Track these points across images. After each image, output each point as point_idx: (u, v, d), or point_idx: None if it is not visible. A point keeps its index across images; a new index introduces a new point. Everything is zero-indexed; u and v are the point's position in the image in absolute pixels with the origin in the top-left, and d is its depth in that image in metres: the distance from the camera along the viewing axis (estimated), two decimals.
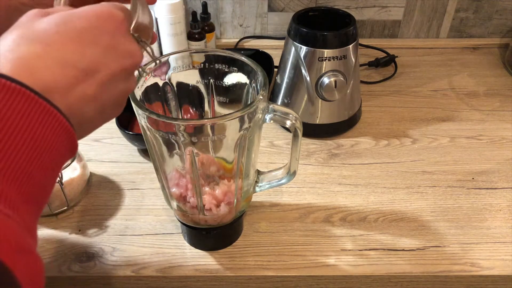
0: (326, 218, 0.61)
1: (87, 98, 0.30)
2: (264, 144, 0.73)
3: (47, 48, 0.28)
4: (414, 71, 0.93)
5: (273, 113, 0.47)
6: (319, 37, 0.68)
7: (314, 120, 0.74)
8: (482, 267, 0.54)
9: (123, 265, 0.54)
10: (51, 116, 0.27)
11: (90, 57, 0.30)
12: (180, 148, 0.45)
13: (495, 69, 0.94)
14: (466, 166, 0.69)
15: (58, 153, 0.28)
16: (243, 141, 0.45)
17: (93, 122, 0.32)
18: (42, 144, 0.26)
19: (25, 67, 0.27)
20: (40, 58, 0.28)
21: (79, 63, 0.29)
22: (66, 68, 0.29)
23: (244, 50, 0.94)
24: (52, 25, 0.29)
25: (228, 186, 0.49)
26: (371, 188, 0.65)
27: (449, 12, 0.99)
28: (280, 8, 0.99)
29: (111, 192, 0.64)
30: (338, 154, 0.72)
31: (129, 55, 0.33)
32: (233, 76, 0.50)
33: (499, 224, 0.60)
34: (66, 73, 0.29)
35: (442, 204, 0.63)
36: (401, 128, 0.77)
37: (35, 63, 0.28)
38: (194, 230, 0.55)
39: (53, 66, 0.28)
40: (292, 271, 0.54)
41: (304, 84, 0.71)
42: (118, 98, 0.33)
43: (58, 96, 0.28)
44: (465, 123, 0.79)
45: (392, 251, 0.56)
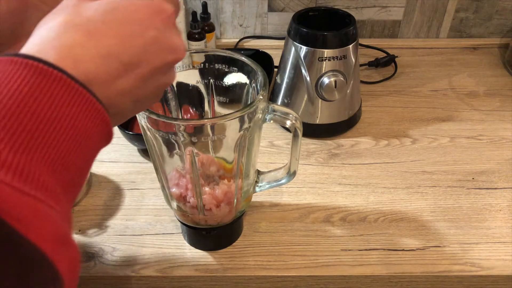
0: (326, 218, 0.61)
1: (126, 91, 0.30)
2: (264, 144, 0.73)
3: (92, 37, 0.28)
4: (414, 71, 0.93)
5: (273, 113, 0.47)
6: (319, 37, 0.68)
7: (314, 120, 0.74)
8: (482, 267, 0.54)
9: (123, 265, 0.54)
10: (91, 105, 0.27)
11: (134, 51, 0.29)
12: (180, 148, 0.45)
13: (495, 69, 0.94)
14: (466, 166, 0.69)
15: (95, 143, 0.28)
16: (243, 141, 0.45)
17: (127, 113, 0.32)
18: (81, 133, 0.26)
19: (69, 55, 0.27)
20: (84, 47, 0.27)
21: (122, 56, 0.29)
22: (109, 60, 0.28)
23: (244, 50, 0.94)
24: (99, 13, 0.29)
25: (228, 186, 0.49)
26: (371, 188, 0.65)
27: (449, 12, 0.99)
28: (280, 8, 0.99)
29: (111, 192, 0.64)
30: (338, 154, 0.72)
31: (173, 50, 0.32)
32: (233, 76, 0.50)
33: (499, 224, 0.60)
34: (108, 65, 0.28)
35: (442, 204, 0.63)
36: (401, 128, 0.77)
37: (79, 52, 0.27)
38: (194, 230, 0.55)
39: (96, 57, 0.28)
40: (292, 271, 0.54)
41: (304, 84, 0.71)
42: (155, 91, 0.33)
43: (98, 87, 0.28)
44: (465, 123, 0.79)
45: (392, 251, 0.56)
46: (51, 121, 0.24)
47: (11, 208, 0.21)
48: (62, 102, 0.25)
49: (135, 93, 0.30)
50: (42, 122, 0.24)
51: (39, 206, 0.23)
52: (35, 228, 0.22)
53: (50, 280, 0.23)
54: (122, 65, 0.29)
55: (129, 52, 0.29)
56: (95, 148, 0.28)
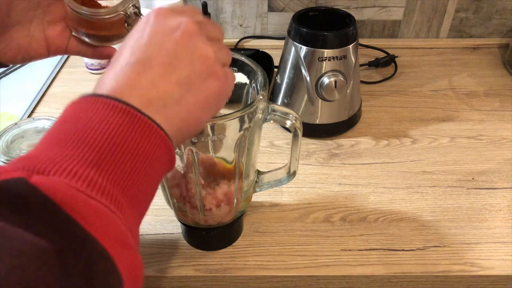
0: (326, 218, 0.61)
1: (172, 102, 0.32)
2: (264, 144, 0.73)
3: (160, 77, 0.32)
4: (414, 71, 0.93)
5: (273, 113, 0.47)
6: (319, 37, 0.68)
7: (314, 120, 0.74)
8: (482, 267, 0.54)
9: None
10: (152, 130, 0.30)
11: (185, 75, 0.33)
12: (180, 148, 0.45)
13: (495, 69, 0.94)
14: (466, 166, 0.69)
15: (159, 163, 0.31)
16: (243, 141, 0.45)
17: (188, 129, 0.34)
18: (145, 154, 0.29)
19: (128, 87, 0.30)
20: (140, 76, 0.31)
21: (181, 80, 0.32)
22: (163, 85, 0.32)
23: (244, 50, 0.94)
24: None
25: (228, 186, 0.49)
26: (371, 188, 0.65)
27: (449, 12, 0.99)
28: (280, 8, 0.99)
29: None
30: (338, 154, 0.72)
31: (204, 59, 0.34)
32: None
33: (499, 224, 0.60)
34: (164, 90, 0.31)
35: (442, 204, 0.63)
36: (401, 128, 0.77)
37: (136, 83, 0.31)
38: (194, 230, 0.55)
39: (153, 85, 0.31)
40: (292, 271, 0.54)
41: (304, 84, 0.71)
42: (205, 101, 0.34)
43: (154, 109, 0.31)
44: (465, 123, 0.79)
45: (392, 251, 0.56)
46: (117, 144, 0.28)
47: (77, 207, 0.25)
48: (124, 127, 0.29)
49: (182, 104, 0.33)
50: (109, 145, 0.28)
51: (101, 208, 0.26)
52: (96, 225, 0.25)
53: (110, 276, 0.25)
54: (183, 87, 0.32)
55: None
56: (160, 168, 0.31)
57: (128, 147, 0.28)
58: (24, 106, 0.81)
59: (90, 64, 0.90)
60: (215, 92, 0.34)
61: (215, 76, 0.34)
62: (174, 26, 0.33)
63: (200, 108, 0.34)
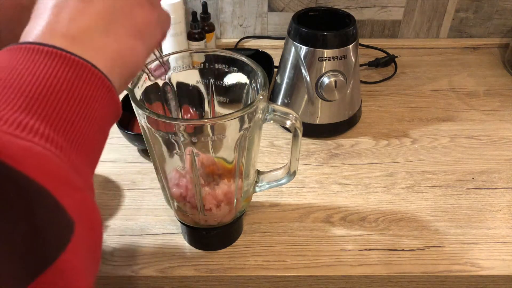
0: (326, 218, 0.61)
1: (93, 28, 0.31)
2: (264, 144, 0.73)
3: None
4: (414, 71, 0.93)
5: (273, 113, 0.47)
6: (319, 37, 0.68)
7: (314, 120, 0.74)
8: (482, 267, 0.54)
9: (123, 265, 0.54)
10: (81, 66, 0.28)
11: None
12: (180, 148, 0.45)
13: (495, 69, 0.94)
14: (466, 166, 0.69)
15: (99, 104, 0.29)
16: (243, 141, 0.45)
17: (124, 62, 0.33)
18: (79, 94, 0.28)
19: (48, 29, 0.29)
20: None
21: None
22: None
23: (244, 50, 0.94)
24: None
25: (228, 186, 0.49)
26: (371, 188, 0.65)
27: (449, 12, 0.99)
28: (280, 8, 0.99)
29: (111, 192, 0.64)
30: (338, 154, 0.72)
31: None
32: (233, 76, 0.50)
33: (499, 224, 0.60)
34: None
35: (442, 204, 0.63)
36: (401, 128, 0.77)
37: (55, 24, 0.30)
38: (194, 230, 0.55)
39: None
40: (292, 271, 0.54)
41: (304, 84, 0.71)
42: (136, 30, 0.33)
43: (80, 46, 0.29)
44: (465, 123, 0.79)
45: (392, 251, 0.56)
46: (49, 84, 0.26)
47: (3, 148, 0.23)
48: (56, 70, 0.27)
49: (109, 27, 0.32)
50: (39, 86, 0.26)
51: (32, 147, 0.24)
52: (30, 164, 0.23)
53: (54, 214, 0.24)
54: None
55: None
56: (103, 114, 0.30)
57: (61, 89, 0.27)
58: None
59: None
60: (144, 19, 0.33)
61: (141, 5, 0.34)
62: None
63: (131, 36, 0.32)
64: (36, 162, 0.24)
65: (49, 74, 0.27)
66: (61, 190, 0.24)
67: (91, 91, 0.28)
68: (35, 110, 0.25)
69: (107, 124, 0.31)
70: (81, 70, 0.28)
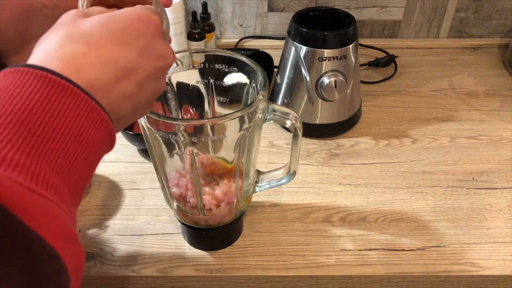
0: (326, 218, 0.61)
1: (125, 96, 0.31)
2: (264, 144, 0.73)
3: (91, 47, 0.30)
4: (414, 71, 0.93)
5: (273, 113, 0.47)
6: (319, 37, 0.68)
7: (314, 120, 0.74)
8: (482, 267, 0.54)
9: (123, 265, 0.54)
10: (95, 112, 0.28)
11: (130, 58, 0.32)
12: (180, 148, 0.45)
13: (495, 69, 0.94)
14: (466, 166, 0.69)
15: (99, 148, 0.30)
16: (243, 141, 0.45)
17: (127, 119, 0.34)
18: (87, 139, 0.28)
19: (72, 64, 0.29)
20: (85, 56, 0.29)
21: (120, 63, 0.31)
22: (108, 67, 0.30)
23: (244, 50, 0.94)
24: (95, 26, 0.31)
25: (228, 186, 0.49)
26: (371, 188, 0.65)
27: (449, 12, 0.99)
28: (280, 8, 0.99)
29: (111, 192, 0.64)
30: (338, 154, 0.72)
31: (163, 57, 0.34)
32: (233, 76, 0.50)
33: (499, 224, 0.60)
34: (108, 72, 0.30)
35: (442, 204, 0.63)
36: (401, 128, 0.77)
37: (81, 61, 0.29)
38: (194, 230, 0.55)
39: (97, 65, 0.30)
40: (292, 271, 0.54)
41: (304, 84, 0.71)
42: (150, 97, 0.35)
43: (100, 93, 0.29)
44: (465, 123, 0.79)
45: (392, 251, 0.56)
46: (59, 127, 0.26)
47: (23, 206, 0.23)
48: (69, 109, 0.27)
49: (133, 98, 0.33)
50: (51, 128, 0.26)
51: (49, 205, 0.25)
52: (45, 224, 0.24)
53: (58, 275, 0.24)
54: (121, 71, 0.31)
55: (125, 59, 0.31)
56: (99, 154, 0.30)
57: (71, 129, 0.27)
58: None
59: None
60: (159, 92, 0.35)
61: (164, 79, 0.35)
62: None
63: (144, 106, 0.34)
64: (50, 222, 0.24)
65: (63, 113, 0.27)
66: (66, 250, 0.25)
67: (98, 137, 0.29)
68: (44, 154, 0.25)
69: (99, 159, 0.31)
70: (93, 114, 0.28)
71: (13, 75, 0.27)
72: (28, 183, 0.24)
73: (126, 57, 0.31)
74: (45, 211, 0.24)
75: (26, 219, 0.23)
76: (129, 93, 0.32)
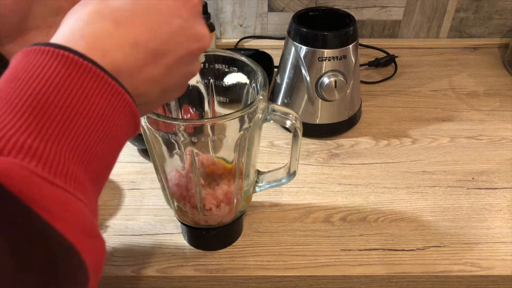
0: (326, 218, 0.61)
1: (153, 80, 0.30)
2: (264, 144, 0.73)
3: (120, 27, 0.28)
4: (414, 71, 0.93)
5: (273, 113, 0.47)
6: (319, 37, 0.68)
7: (314, 120, 0.74)
8: (482, 267, 0.54)
9: (123, 265, 0.54)
10: (120, 96, 0.27)
11: (161, 39, 0.29)
12: (180, 148, 0.45)
13: (495, 69, 0.94)
14: (466, 166, 0.69)
15: (123, 133, 0.28)
16: (243, 141, 0.45)
17: (154, 103, 0.32)
18: (109, 124, 0.26)
19: (98, 45, 0.27)
20: (112, 37, 0.27)
21: (149, 45, 0.29)
22: (136, 49, 0.28)
23: (244, 50, 0.94)
24: (126, 3, 0.29)
25: (228, 186, 0.49)
26: (371, 188, 0.65)
27: (449, 12, 0.99)
28: (280, 8, 0.99)
29: (111, 192, 0.64)
30: (338, 154, 0.72)
31: (198, 39, 0.32)
32: (233, 76, 0.50)
33: (499, 224, 0.60)
34: (136, 54, 0.28)
35: (442, 204, 0.63)
36: (401, 128, 0.77)
37: (108, 42, 0.27)
38: (194, 230, 0.55)
39: (125, 46, 0.28)
40: (292, 271, 0.54)
41: (304, 84, 0.71)
42: (181, 81, 0.33)
43: (126, 76, 0.28)
44: (465, 123, 0.79)
45: (392, 251, 0.56)
46: (80, 111, 0.25)
47: (40, 198, 0.22)
48: (91, 93, 0.25)
49: (162, 82, 0.31)
50: (72, 112, 0.24)
51: (67, 198, 0.23)
52: (63, 218, 0.23)
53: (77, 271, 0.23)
54: (149, 54, 0.29)
55: (156, 40, 0.29)
56: (123, 139, 0.29)
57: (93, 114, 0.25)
58: None
59: None
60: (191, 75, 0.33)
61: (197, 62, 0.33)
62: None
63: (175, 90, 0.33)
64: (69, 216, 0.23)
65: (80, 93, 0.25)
66: (86, 245, 0.24)
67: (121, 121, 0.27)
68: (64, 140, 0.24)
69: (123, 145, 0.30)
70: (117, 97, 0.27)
71: (33, 55, 0.25)
72: (46, 174, 0.23)
73: (157, 39, 0.29)
74: (63, 203, 0.23)
75: (43, 212, 0.22)
76: (158, 77, 0.30)
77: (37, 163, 0.22)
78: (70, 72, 0.25)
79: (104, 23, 0.28)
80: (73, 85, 0.25)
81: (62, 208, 0.23)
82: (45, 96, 0.24)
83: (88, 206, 0.25)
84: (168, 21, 0.30)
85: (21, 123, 0.23)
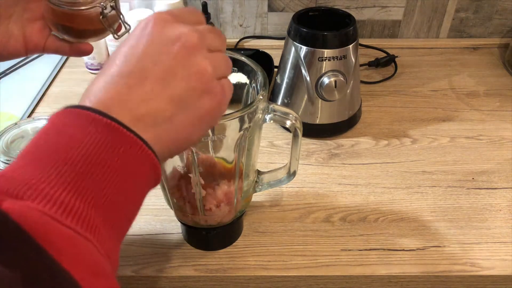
0: (326, 218, 0.61)
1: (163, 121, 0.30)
2: (264, 144, 0.73)
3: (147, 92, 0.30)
4: (414, 71, 0.93)
5: (273, 113, 0.47)
6: (319, 37, 0.68)
7: (314, 120, 0.74)
8: (482, 267, 0.54)
9: (123, 265, 0.54)
10: (138, 148, 0.28)
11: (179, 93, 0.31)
12: None
13: (495, 69, 0.94)
14: (466, 166, 0.69)
15: (144, 183, 0.29)
16: (243, 141, 0.45)
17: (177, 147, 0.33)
18: (129, 173, 0.28)
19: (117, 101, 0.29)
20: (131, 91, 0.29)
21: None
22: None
23: (244, 50, 0.94)
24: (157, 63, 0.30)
25: (228, 186, 0.49)
26: (371, 188, 0.65)
27: (449, 12, 0.99)
28: (280, 8, 0.99)
29: None
30: (338, 154, 0.72)
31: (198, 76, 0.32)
32: (233, 76, 0.50)
33: (499, 224, 0.60)
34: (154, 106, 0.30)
35: (442, 204, 0.63)
36: (401, 128, 0.77)
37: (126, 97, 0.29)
38: (194, 230, 0.55)
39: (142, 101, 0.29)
40: (292, 271, 0.54)
41: (304, 84, 0.71)
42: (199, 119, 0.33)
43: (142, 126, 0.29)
44: (465, 123, 0.79)
45: (392, 251, 0.56)
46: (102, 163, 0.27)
47: (48, 236, 0.23)
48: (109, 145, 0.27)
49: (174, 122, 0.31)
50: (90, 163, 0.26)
51: (75, 237, 0.25)
52: (69, 255, 0.24)
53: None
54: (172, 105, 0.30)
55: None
56: (145, 188, 0.30)
57: (112, 166, 0.27)
58: (24, 106, 0.81)
59: (90, 64, 0.90)
60: (209, 110, 0.32)
61: (211, 93, 0.32)
62: (173, 37, 0.31)
63: (192, 126, 0.32)
64: (75, 254, 0.24)
65: (103, 149, 0.27)
66: (92, 283, 0.25)
67: (141, 172, 0.29)
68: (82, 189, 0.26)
69: (144, 197, 0.31)
70: (137, 151, 0.28)
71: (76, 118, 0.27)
72: (58, 216, 0.24)
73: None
74: (70, 242, 0.24)
75: (51, 250, 0.23)
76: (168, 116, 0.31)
77: (51, 206, 0.24)
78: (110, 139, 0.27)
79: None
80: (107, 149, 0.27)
81: (68, 245, 0.24)
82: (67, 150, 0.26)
83: (99, 249, 0.26)
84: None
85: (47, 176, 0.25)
